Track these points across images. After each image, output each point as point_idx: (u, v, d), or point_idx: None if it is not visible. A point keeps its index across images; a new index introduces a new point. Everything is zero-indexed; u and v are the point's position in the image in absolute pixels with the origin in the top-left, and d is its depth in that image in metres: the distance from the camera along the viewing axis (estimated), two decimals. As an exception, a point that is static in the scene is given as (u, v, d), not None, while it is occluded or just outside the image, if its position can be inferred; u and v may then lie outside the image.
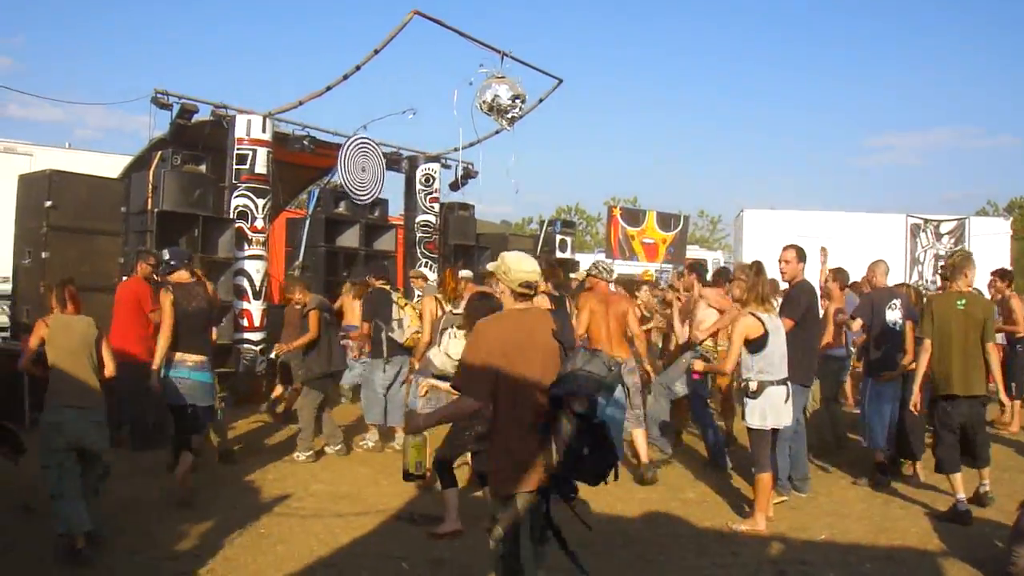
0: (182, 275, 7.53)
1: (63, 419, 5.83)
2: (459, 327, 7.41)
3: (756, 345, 6.86)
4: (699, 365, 7.87)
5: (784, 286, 8.24)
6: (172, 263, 7.57)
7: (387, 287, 9.68)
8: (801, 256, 7.92)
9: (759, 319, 6.85)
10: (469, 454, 6.92)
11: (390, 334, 9.27)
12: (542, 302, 7.61)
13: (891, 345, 8.38)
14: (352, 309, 11.06)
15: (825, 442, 9.52)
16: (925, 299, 8.44)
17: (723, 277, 10.24)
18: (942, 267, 7.95)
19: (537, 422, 4.05)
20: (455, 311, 7.98)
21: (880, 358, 8.43)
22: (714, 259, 26.33)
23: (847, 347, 10.16)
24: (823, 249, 10.15)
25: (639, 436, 8.50)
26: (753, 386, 6.85)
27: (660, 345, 12.00)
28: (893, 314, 8.40)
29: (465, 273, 10.06)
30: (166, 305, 7.24)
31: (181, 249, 8.66)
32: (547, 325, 4.34)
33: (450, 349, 7.39)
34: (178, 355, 7.27)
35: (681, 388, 8.94)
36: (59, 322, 6.09)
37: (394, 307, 9.38)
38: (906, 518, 7.25)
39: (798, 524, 6.95)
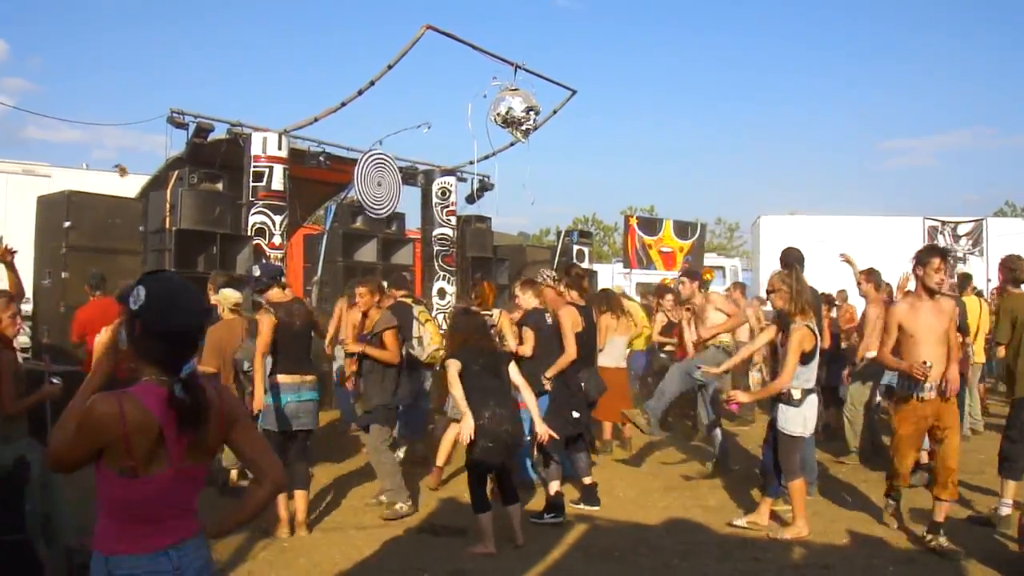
0: (276, 293, 7.09)
1: None
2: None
3: (808, 356, 6.76)
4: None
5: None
6: (263, 280, 7.14)
7: (408, 300, 9.43)
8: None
9: (811, 330, 6.76)
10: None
11: (410, 351, 8.84)
12: (572, 314, 7.66)
13: None
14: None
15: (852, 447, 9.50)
16: (998, 301, 8.26)
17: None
18: (1013, 269, 7.70)
19: None
20: (484, 313, 8.28)
21: None
22: (732, 266, 26.29)
23: None
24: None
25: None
26: (797, 395, 6.76)
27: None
28: None
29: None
30: (266, 327, 6.78)
31: (271, 264, 8.25)
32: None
33: None
34: (285, 378, 6.87)
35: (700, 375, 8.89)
36: None
37: (415, 323, 9.10)
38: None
39: (820, 528, 6.92)
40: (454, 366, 6.46)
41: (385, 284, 9.13)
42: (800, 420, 6.81)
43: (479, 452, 6.43)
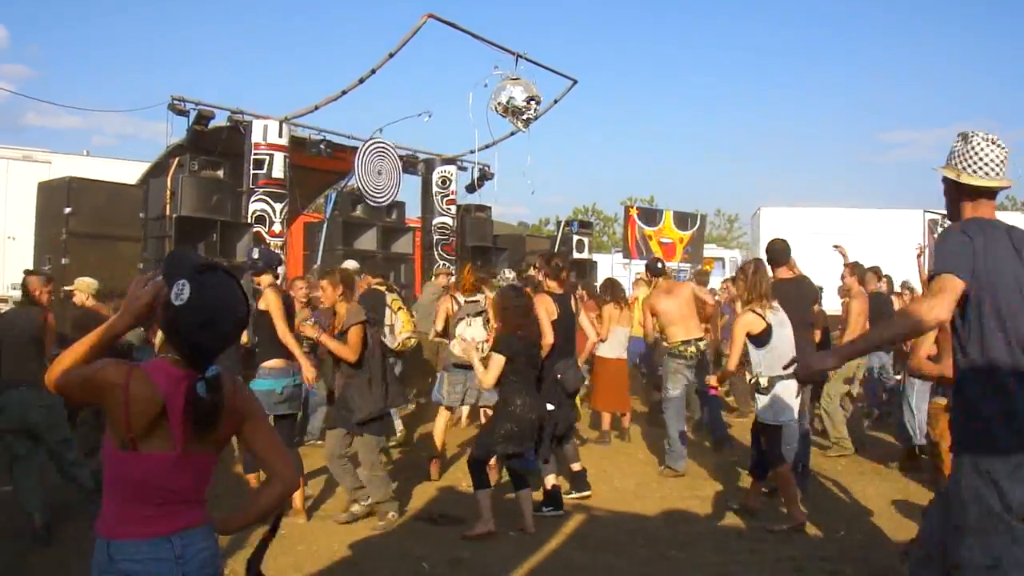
0: (267, 279, 7.10)
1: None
2: (475, 315, 8.30)
3: (760, 340, 6.88)
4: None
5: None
6: (260, 264, 7.12)
7: (382, 288, 9.37)
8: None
9: (759, 314, 6.89)
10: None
11: (381, 339, 8.87)
12: (545, 301, 7.60)
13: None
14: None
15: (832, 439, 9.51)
16: None
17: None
18: None
19: None
20: (469, 300, 8.48)
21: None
22: (732, 257, 26.27)
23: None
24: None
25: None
26: (764, 382, 6.82)
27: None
28: None
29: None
30: (276, 307, 6.80)
31: (272, 252, 8.24)
32: None
33: (466, 334, 8.13)
34: (277, 363, 6.85)
35: (674, 391, 8.91)
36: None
37: (387, 311, 9.01)
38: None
39: (816, 519, 6.93)
40: (501, 362, 6.50)
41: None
42: (770, 408, 6.87)
43: (502, 436, 6.51)
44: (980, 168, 3.49)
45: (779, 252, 7.89)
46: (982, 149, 3.49)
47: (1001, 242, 3.41)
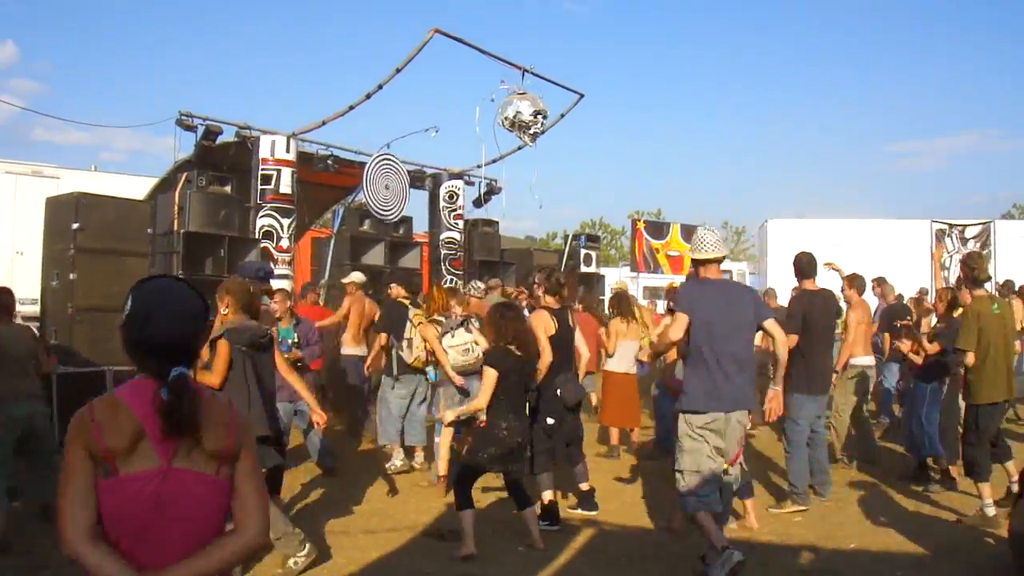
0: None
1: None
2: (456, 327, 8.47)
3: None
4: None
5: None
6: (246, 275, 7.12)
7: (406, 302, 9.24)
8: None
9: None
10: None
11: (399, 352, 8.95)
12: (543, 317, 7.55)
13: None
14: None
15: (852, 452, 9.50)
16: (962, 306, 8.16)
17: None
18: (973, 268, 7.64)
19: None
20: (447, 318, 8.82)
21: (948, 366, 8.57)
22: (739, 270, 26.24)
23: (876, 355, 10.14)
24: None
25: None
26: None
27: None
28: None
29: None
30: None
31: (256, 263, 8.15)
32: None
33: (454, 342, 8.31)
34: None
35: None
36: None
37: (407, 325, 8.94)
38: (936, 525, 7.19)
39: (827, 533, 6.91)
40: (493, 376, 6.41)
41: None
42: None
43: (484, 458, 6.41)
44: (703, 248, 6.00)
45: (807, 264, 8.06)
46: (703, 236, 6.05)
47: (711, 291, 5.91)
